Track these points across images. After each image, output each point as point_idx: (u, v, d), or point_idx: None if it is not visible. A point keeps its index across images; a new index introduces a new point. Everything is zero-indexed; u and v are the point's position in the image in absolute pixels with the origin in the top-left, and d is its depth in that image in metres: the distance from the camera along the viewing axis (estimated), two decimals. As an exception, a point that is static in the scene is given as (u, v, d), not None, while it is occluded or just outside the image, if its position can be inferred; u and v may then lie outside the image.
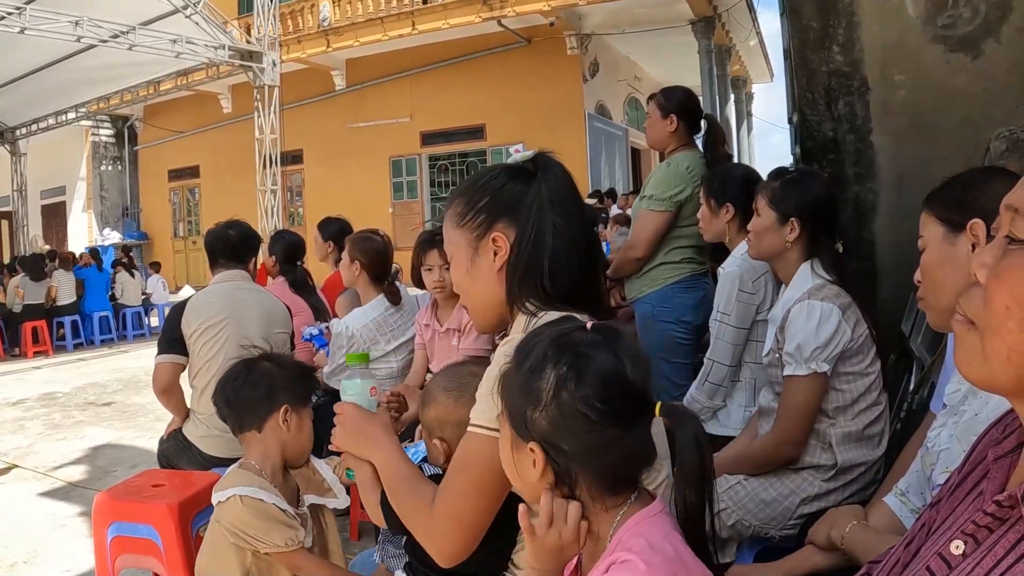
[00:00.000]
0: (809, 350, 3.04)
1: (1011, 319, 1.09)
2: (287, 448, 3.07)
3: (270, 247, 6.55)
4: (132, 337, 17.77)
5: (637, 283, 4.89)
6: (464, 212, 2.16)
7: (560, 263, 2.05)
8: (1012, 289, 1.09)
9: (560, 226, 2.07)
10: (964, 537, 1.21)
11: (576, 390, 1.52)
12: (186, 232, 30.06)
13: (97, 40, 16.55)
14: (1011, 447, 1.28)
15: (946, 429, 2.21)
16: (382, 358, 5.08)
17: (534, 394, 1.56)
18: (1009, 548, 1.12)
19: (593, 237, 2.21)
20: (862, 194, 4.39)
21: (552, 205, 2.08)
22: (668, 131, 4.87)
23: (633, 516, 1.58)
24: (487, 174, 2.21)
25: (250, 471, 3.00)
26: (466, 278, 2.20)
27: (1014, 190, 1.18)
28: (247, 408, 3.01)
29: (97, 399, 11.02)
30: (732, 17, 21.37)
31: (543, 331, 1.65)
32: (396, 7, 21.75)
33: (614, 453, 1.54)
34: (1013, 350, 1.09)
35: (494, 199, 2.13)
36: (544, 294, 2.05)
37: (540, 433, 1.56)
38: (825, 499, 3.09)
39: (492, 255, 2.11)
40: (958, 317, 1.21)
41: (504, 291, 2.11)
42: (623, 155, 24.99)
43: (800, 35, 4.46)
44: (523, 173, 2.15)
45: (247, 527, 2.84)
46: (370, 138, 24.31)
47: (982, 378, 1.17)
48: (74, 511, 6.33)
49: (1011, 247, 1.13)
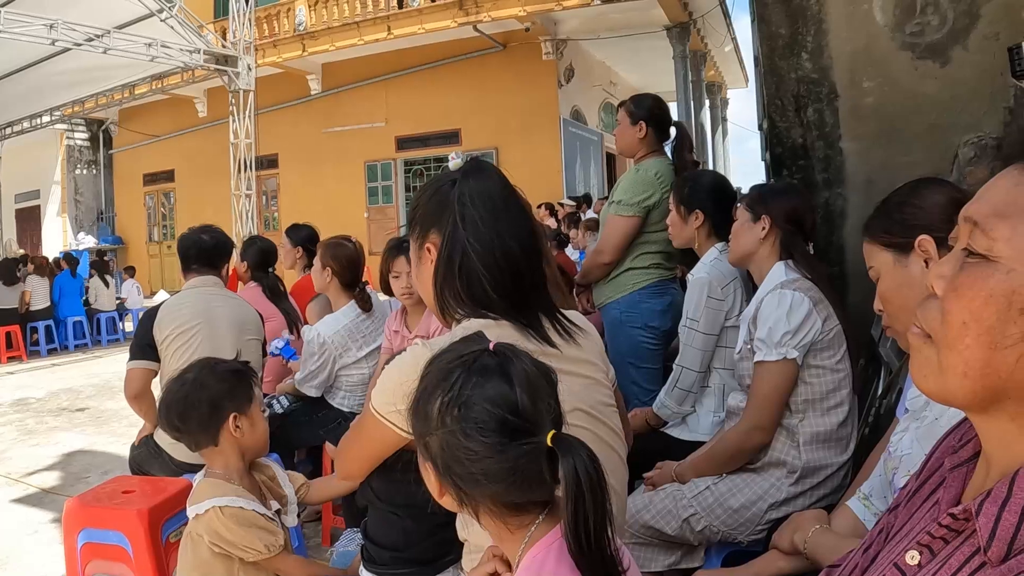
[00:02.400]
0: (779, 335, 3.08)
1: (968, 334, 1.10)
2: (246, 450, 3.08)
3: (242, 253, 6.54)
4: (107, 342, 17.61)
5: (605, 289, 4.91)
6: (409, 223, 2.30)
7: (477, 272, 2.11)
8: (970, 304, 1.10)
9: (479, 236, 2.11)
10: (919, 548, 1.21)
11: (460, 418, 1.50)
12: (161, 237, 29.83)
13: (72, 43, 16.42)
14: (967, 456, 1.28)
15: (908, 434, 2.22)
16: (354, 364, 5.08)
17: (427, 418, 1.55)
18: (964, 561, 1.12)
19: (528, 242, 2.21)
20: (831, 199, 4.42)
21: (469, 214, 2.13)
22: (637, 138, 4.89)
23: (539, 540, 1.58)
24: (428, 185, 2.30)
25: (220, 479, 3.00)
26: (419, 285, 2.32)
27: (971, 202, 1.17)
28: (197, 429, 3.00)
29: (71, 405, 10.94)
30: (707, 23, 21.42)
31: (444, 354, 1.62)
32: (372, 12, 21.69)
33: (502, 480, 1.51)
34: (969, 365, 1.10)
35: (423, 210, 2.24)
36: (463, 300, 2.13)
37: (433, 456, 1.56)
38: (793, 504, 3.11)
39: (430, 264, 2.20)
40: (914, 330, 1.21)
41: None
42: (598, 160, 24.99)
43: (769, 42, 4.48)
44: (452, 181, 2.21)
45: (230, 535, 2.84)
46: (345, 143, 24.23)
47: (938, 392, 1.17)
48: (46, 517, 6.30)
49: (969, 260, 1.13)
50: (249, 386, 3.12)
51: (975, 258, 1.11)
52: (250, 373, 3.18)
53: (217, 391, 3.00)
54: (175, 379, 3.09)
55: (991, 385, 1.09)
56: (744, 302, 3.88)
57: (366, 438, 2.18)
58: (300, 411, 5.20)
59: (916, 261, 2.19)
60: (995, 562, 1.06)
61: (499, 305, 2.11)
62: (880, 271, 2.37)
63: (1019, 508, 1.05)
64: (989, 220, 1.11)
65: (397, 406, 1.95)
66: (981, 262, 1.10)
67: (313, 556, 4.99)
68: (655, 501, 3.29)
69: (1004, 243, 1.08)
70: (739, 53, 27.53)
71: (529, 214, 2.29)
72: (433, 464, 1.57)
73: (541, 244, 2.27)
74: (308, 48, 22.79)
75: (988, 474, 1.18)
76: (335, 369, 5.10)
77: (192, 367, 3.16)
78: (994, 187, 1.15)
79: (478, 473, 1.51)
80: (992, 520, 1.06)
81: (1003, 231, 1.09)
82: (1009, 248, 1.07)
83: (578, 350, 2.20)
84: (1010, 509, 1.06)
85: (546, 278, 2.28)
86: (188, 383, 3.03)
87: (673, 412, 4.01)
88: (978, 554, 1.09)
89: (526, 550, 1.58)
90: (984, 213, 1.13)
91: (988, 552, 1.06)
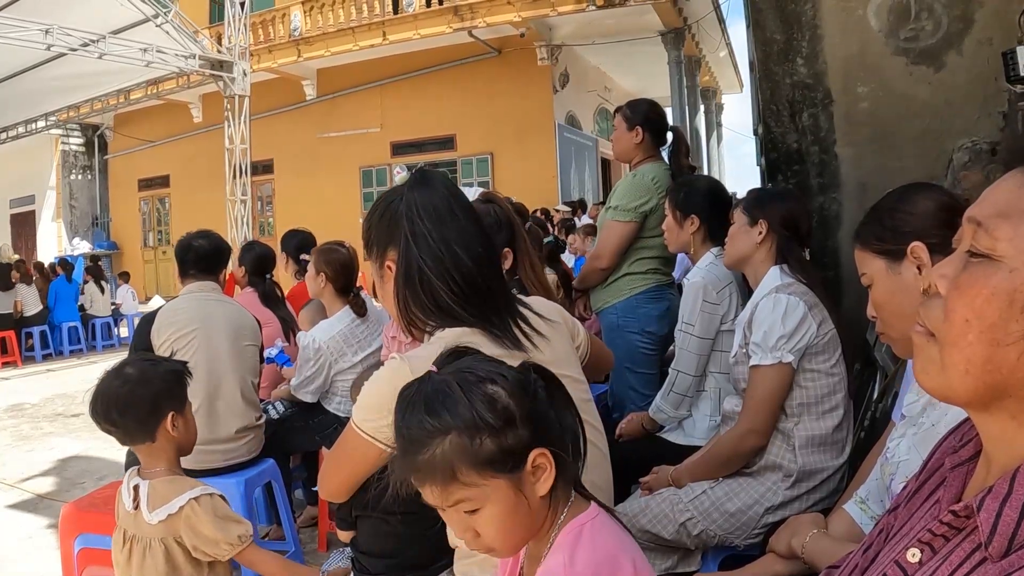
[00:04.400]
0: (774, 338, 3.09)
1: (970, 332, 1.11)
2: (181, 448, 3.05)
3: (240, 258, 6.52)
4: (101, 348, 17.57)
5: (602, 294, 4.91)
6: (365, 244, 2.32)
7: (432, 285, 2.13)
8: (972, 302, 1.11)
9: (428, 249, 2.13)
10: (920, 545, 1.22)
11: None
12: (156, 242, 29.78)
13: (67, 48, 16.37)
14: (968, 456, 1.29)
15: (905, 439, 2.22)
16: (349, 369, 5.08)
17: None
18: (964, 557, 1.13)
19: (478, 248, 2.23)
20: (826, 204, 4.43)
21: (417, 228, 2.15)
22: (634, 143, 4.90)
23: (571, 521, 1.63)
24: (378, 203, 2.31)
25: (172, 475, 2.97)
26: (385, 303, 2.33)
27: (976, 203, 1.19)
28: (135, 425, 2.95)
29: (66, 410, 10.95)
30: (702, 28, 21.45)
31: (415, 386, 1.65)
32: (367, 17, 21.70)
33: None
34: (971, 362, 1.12)
35: (376, 230, 2.26)
36: (430, 312, 2.16)
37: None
38: (789, 507, 3.11)
39: (391, 282, 2.23)
40: (917, 328, 1.22)
41: None
42: (593, 165, 25.00)
43: (764, 47, 4.50)
44: (398, 196, 2.23)
45: (207, 530, 2.81)
46: (340, 148, 24.23)
47: (940, 389, 1.19)
48: (42, 523, 6.28)
49: (972, 260, 1.15)
50: (185, 387, 3.11)
51: (978, 258, 1.13)
52: (187, 374, 3.16)
53: (160, 389, 2.97)
54: (114, 372, 3.01)
55: (992, 382, 1.11)
56: (740, 306, 3.89)
57: (349, 456, 2.18)
58: (296, 416, 5.20)
59: (909, 268, 2.19)
60: (996, 557, 1.07)
61: (464, 313, 2.14)
62: (873, 278, 2.37)
63: (1020, 504, 1.06)
64: (992, 221, 1.13)
65: (378, 421, 2.00)
66: (984, 261, 1.12)
67: (309, 561, 5.00)
68: (651, 505, 3.28)
69: (1007, 243, 1.10)
70: (734, 58, 27.59)
71: (477, 218, 2.30)
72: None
73: (493, 248, 2.30)
74: (303, 53, 22.80)
75: (989, 472, 1.19)
76: (331, 374, 5.09)
77: (132, 362, 3.12)
78: (997, 189, 1.18)
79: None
80: (993, 516, 1.08)
81: (1006, 231, 1.11)
82: (1012, 248, 1.09)
83: (549, 349, 2.23)
84: (1011, 505, 1.07)
85: (504, 280, 2.31)
86: (132, 379, 2.96)
87: (669, 416, 4.01)
88: (979, 550, 1.11)
89: (562, 526, 1.64)
90: (987, 214, 1.14)
91: (989, 548, 1.07)
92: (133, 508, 2.92)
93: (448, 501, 1.57)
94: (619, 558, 1.61)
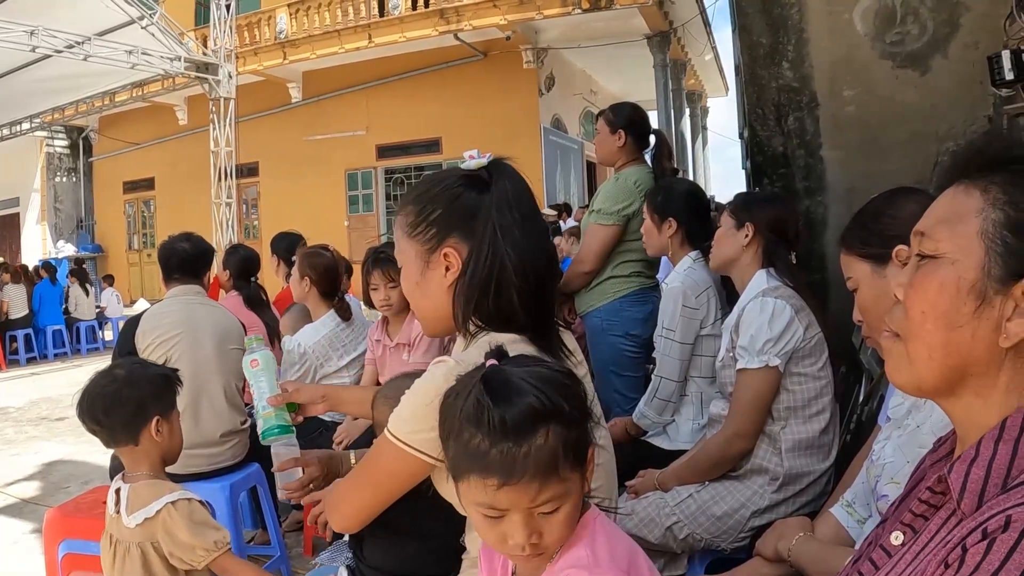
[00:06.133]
0: (761, 342, 3.10)
1: (927, 321, 1.27)
2: (165, 453, 3.03)
3: (224, 261, 6.49)
4: (86, 351, 17.51)
5: (586, 297, 4.91)
6: (415, 223, 2.09)
7: (511, 285, 1.97)
8: (925, 295, 1.28)
9: (515, 244, 1.98)
10: (903, 528, 1.34)
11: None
12: (141, 245, 29.70)
13: (52, 50, 16.32)
14: (945, 452, 1.41)
15: (891, 442, 2.23)
16: (335, 373, 5.07)
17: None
18: (941, 524, 1.24)
19: (550, 249, 2.16)
20: (812, 208, 4.44)
21: (507, 221, 1.99)
22: (617, 146, 4.91)
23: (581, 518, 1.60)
24: (440, 182, 2.11)
25: (154, 479, 2.95)
26: (416, 290, 2.14)
27: (921, 219, 1.35)
28: (119, 426, 2.94)
29: (50, 414, 10.91)
30: (687, 32, 21.49)
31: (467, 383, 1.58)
32: (353, 20, 21.68)
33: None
34: (933, 348, 1.27)
35: (446, 212, 2.05)
36: (489, 317, 2.00)
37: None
38: (775, 511, 3.12)
39: (443, 270, 2.05)
40: (885, 333, 1.37)
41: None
42: (578, 169, 25.03)
43: (750, 51, 4.51)
44: (477, 182, 2.07)
45: (183, 535, 2.78)
46: (326, 151, 24.19)
47: (911, 382, 1.33)
48: (27, 528, 6.25)
49: (921, 263, 1.31)
50: (174, 393, 3.09)
51: (925, 260, 1.30)
52: (176, 381, 3.15)
53: (147, 392, 2.95)
54: (103, 372, 3.02)
55: (953, 364, 1.26)
56: (719, 310, 3.91)
57: (389, 475, 1.99)
58: (281, 420, 5.17)
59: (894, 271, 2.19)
60: (968, 513, 1.16)
61: (524, 316, 2.00)
62: (858, 282, 2.37)
63: (985, 463, 1.19)
64: (933, 228, 1.31)
65: (429, 432, 1.78)
66: (931, 261, 1.29)
67: (295, 566, 4.99)
68: (637, 509, 3.28)
69: (946, 241, 1.27)
70: (719, 62, 27.66)
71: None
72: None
73: (554, 251, 2.21)
74: (289, 56, 22.77)
75: (962, 451, 1.28)
76: (316, 378, 5.07)
77: (123, 364, 3.12)
78: (936, 205, 1.34)
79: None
80: (962, 476, 1.20)
81: (944, 233, 1.28)
82: (951, 244, 1.26)
83: (581, 367, 2.14)
84: (978, 464, 1.20)
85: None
86: (119, 380, 2.96)
87: (653, 422, 4.02)
88: (954, 515, 1.21)
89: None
90: (928, 224, 1.32)
91: (961, 505, 1.18)
92: (115, 512, 2.92)
93: (538, 499, 1.48)
94: (633, 551, 1.62)
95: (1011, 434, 1.19)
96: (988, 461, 1.18)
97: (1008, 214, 1.22)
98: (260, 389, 2.81)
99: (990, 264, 1.22)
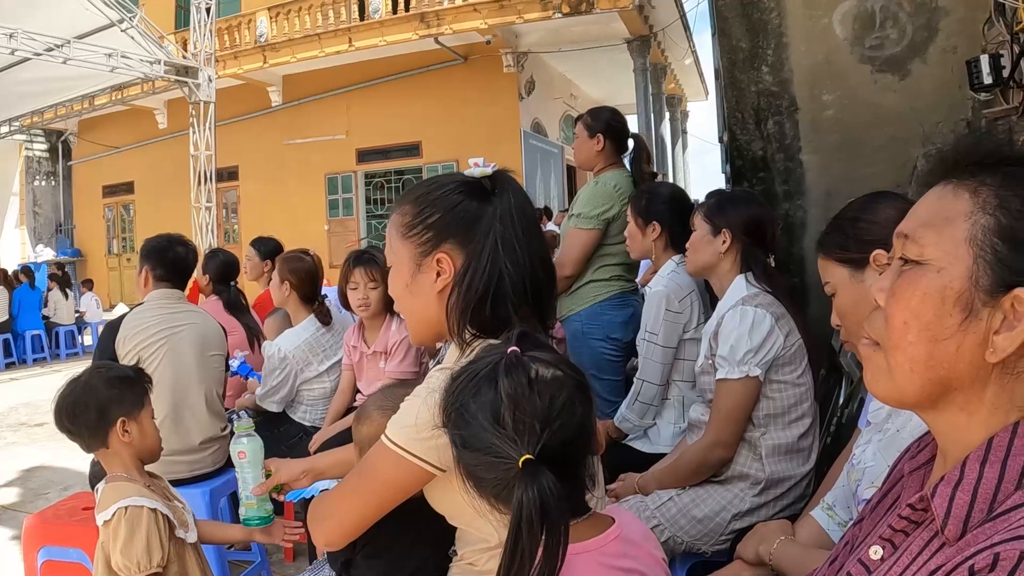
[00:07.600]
0: (741, 353, 3.09)
1: (910, 332, 1.20)
2: (139, 452, 3.03)
3: (204, 265, 6.44)
4: (65, 356, 17.43)
5: (567, 301, 4.91)
6: (411, 224, 2.07)
7: (507, 297, 1.97)
8: (908, 304, 1.20)
9: (514, 257, 1.98)
10: (882, 542, 1.28)
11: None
12: (120, 249, 29.52)
13: (31, 53, 16.21)
14: (925, 459, 1.36)
15: (871, 446, 2.23)
16: (315, 379, 5.06)
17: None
18: (923, 546, 1.18)
19: (550, 263, 2.13)
20: (791, 211, 4.46)
21: (508, 233, 1.99)
22: (595, 151, 4.92)
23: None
24: (441, 187, 2.08)
25: (123, 481, 2.95)
26: (405, 292, 2.12)
27: (904, 220, 1.28)
28: (86, 432, 2.97)
29: (29, 419, 10.85)
30: (667, 36, 21.52)
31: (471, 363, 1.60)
32: (333, 23, 21.64)
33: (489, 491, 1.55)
34: (915, 360, 1.20)
35: (445, 217, 2.03)
36: (484, 326, 1.98)
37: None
38: (756, 514, 3.12)
39: (435, 275, 2.03)
40: (864, 341, 1.30)
41: (443, 312, 2.03)
42: (559, 173, 25.02)
43: (730, 55, 4.52)
44: (478, 191, 2.06)
45: (118, 543, 2.75)
46: (306, 155, 24.11)
47: (890, 393, 1.26)
48: (6, 535, 6.21)
49: (904, 268, 1.24)
50: (142, 392, 3.08)
51: (909, 265, 1.23)
52: (144, 380, 3.13)
53: (105, 396, 2.96)
54: (70, 380, 3.05)
55: (936, 377, 1.19)
56: (702, 314, 3.91)
57: (375, 484, 1.97)
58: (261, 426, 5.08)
59: (872, 276, 2.20)
60: (952, 540, 1.12)
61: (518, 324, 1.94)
62: (836, 287, 2.38)
63: (971, 487, 1.13)
64: (917, 231, 1.23)
65: (431, 440, 1.82)
66: (915, 267, 1.22)
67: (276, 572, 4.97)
68: (618, 513, 3.28)
69: (932, 247, 1.20)
70: (699, 66, 27.68)
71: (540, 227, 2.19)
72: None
73: (551, 259, 2.17)
74: (269, 59, 22.68)
75: (945, 468, 1.23)
76: (296, 384, 5.07)
77: (85, 370, 3.13)
78: (920, 204, 1.28)
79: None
80: (947, 501, 1.14)
81: (930, 237, 1.20)
82: (937, 250, 1.19)
83: None
84: (963, 489, 1.14)
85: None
86: (79, 386, 2.99)
87: (635, 426, 4.03)
88: (937, 537, 1.16)
89: None
90: (912, 226, 1.25)
91: (945, 531, 1.13)
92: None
93: None
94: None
95: (997, 455, 1.14)
96: (974, 485, 1.13)
97: (999, 220, 1.15)
98: (245, 480, 2.83)
99: (978, 273, 1.15)
